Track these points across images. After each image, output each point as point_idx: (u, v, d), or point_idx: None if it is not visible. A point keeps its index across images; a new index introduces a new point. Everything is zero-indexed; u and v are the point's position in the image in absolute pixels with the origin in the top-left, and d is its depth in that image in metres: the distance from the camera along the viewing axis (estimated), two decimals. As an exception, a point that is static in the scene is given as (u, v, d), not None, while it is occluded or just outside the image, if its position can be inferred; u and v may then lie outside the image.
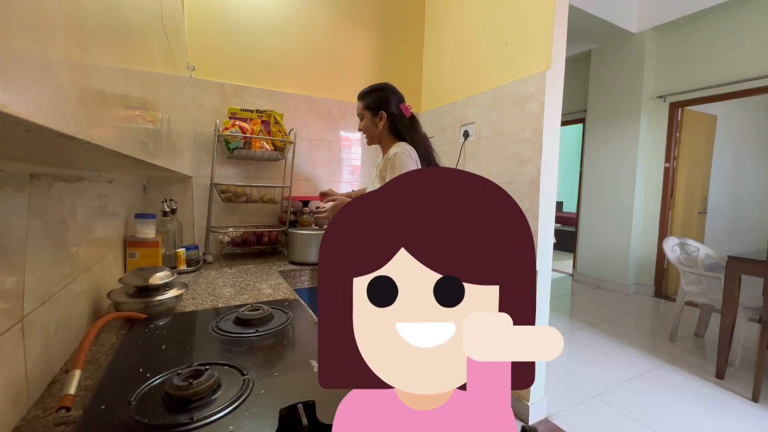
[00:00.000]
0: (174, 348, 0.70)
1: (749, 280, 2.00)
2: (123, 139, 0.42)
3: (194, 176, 1.71)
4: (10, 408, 0.48)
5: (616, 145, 3.78)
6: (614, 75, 3.77)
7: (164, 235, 1.37)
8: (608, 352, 2.43)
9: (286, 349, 0.72)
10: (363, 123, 1.42)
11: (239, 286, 1.23)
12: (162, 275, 0.93)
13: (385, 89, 1.40)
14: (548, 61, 1.52)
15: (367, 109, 1.40)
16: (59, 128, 0.23)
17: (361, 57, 2.18)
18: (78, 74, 0.27)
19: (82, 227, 0.78)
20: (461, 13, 2.05)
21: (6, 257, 0.48)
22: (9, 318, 0.48)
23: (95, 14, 0.32)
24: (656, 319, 3.12)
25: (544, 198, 1.57)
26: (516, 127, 1.67)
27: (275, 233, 1.84)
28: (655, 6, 3.37)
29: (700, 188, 3.96)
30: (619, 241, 3.80)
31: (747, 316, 2.06)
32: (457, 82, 2.07)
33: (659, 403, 1.87)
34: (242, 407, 0.51)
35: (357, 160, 2.21)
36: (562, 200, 7.11)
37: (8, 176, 0.49)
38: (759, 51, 3.06)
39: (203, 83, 1.74)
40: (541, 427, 1.65)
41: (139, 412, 0.48)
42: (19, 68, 0.19)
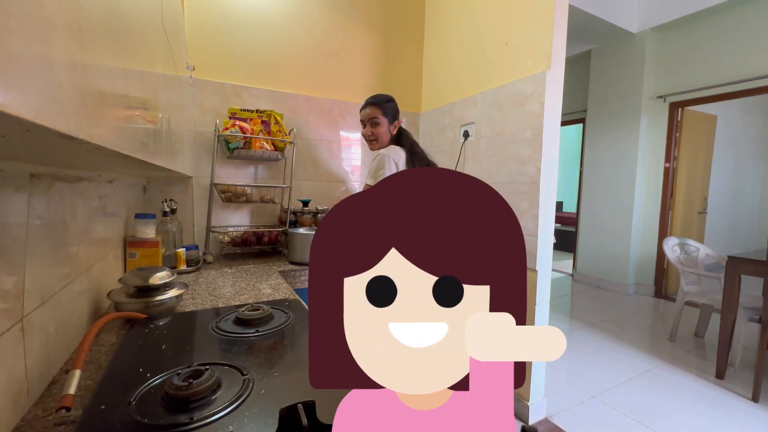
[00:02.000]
0: (174, 348, 0.70)
1: (749, 280, 2.00)
2: (123, 139, 0.42)
3: (194, 176, 1.71)
4: (10, 408, 0.48)
5: (616, 145, 3.78)
6: (614, 75, 3.77)
7: (164, 235, 1.37)
8: (608, 352, 2.43)
9: (286, 349, 0.72)
10: (379, 129, 1.49)
11: (239, 286, 1.23)
12: (162, 275, 0.93)
13: (394, 101, 1.54)
14: (548, 61, 1.52)
15: (386, 116, 1.49)
16: (59, 128, 0.23)
17: (361, 57, 2.18)
18: (78, 74, 0.27)
19: (82, 227, 0.78)
20: (461, 13, 2.05)
21: (6, 257, 0.48)
22: (9, 318, 0.48)
23: (95, 14, 0.32)
24: (656, 319, 3.12)
25: (544, 198, 1.57)
26: (516, 127, 1.67)
27: (275, 233, 1.84)
28: (655, 6, 3.37)
29: (700, 188, 3.96)
30: (619, 241, 3.80)
31: (747, 316, 2.06)
32: (457, 82, 2.07)
33: (659, 403, 1.87)
34: (242, 407, 0.51)
35: (357, 160, 2.21)
36: (562, 200, 7.11)
37: (8, 176, 0.49)
38: (759, 51, 3.06)
39: (203, 83, 1.74)
40: (541, 427, 1.65)
41: (139, 412, 0.48)
42: (19, 68, 0.18)
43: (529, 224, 1.59)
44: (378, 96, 1.52)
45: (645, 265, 3.78)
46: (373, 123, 1.50)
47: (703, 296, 2.44)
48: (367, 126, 1.51)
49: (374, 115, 1.49)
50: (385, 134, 1.51)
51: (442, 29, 2.22)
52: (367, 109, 1.50)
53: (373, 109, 1.49)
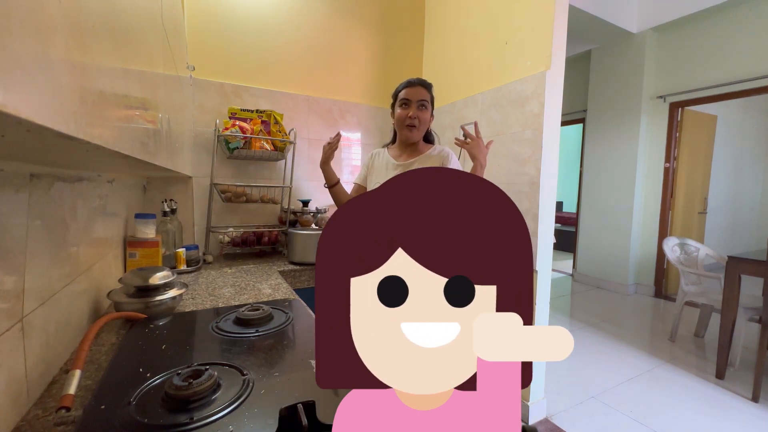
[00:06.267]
0: (174, 348, 0.70)
1: (749, 280, 2.00)
2: (123, 139, 0.42)
3: (194, 176, 1.71)
4: (10, 408, 0.48)
5: (616, 145, 3.78)
6: (614, 75, 3.77)
7: (164, 235, 1.37)
8: (608, 352, 2.43)
9: (286, 349, 0.72)
10: (425, 114, 1.31)
11: (239, 286, 1.23)
12: (162, 275, 0.93)
13: None
14: (548, 62, 1.52)
15: (432, 103, 1.33)
16: (59, 128, 0.23)
17: (361, 57, 2.18)
18: (78, 74, 0.27)
19: (82, 227, 0.78)
20: (461, 13, 2.05)
21: (6, 257, 0.48)
22: (9, 318, 0.48)
23: (95, 14, 0.32)
24: (656, 319, 3.12)
25: (544, 198, 1.57)
26: (516, 127, 1.67)
27: (275, 233, 1.84)
28: (655, 6, 3.37)
29: (700, 188, 3.96)
30: (619, 241, 3.80)
31: (747, 316, 2.06)
32: (457, 82, 2.07)
33: (659, 403, 1.87)
34: (242, 407, 0.51)
35: (357, 160, 2.21)
36: (562, 200, 7.11)
37: (8, 176, 0.49)
38: (759, 51, 3.06)
39: (203, 83, 1.74)
40: (541, 427, 1.65)
41: (139, 412, 0.48)
42: (19, 68, 0.18)
43: (529, 224, 1.59)
44: (423, 79, 1.32)
45: (645, 265, 3.78)
46: (420, 105, 1.28)
47: (703, 296, 2.44)
48: (413, 107, 1.28)
49: (424, 98, 1.28)
50: (427, 123, 1.32)
51: (442, 29, 2.22)
52: (417, 89, 1.28)
53: (423, 91, 1.28)
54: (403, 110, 1.30)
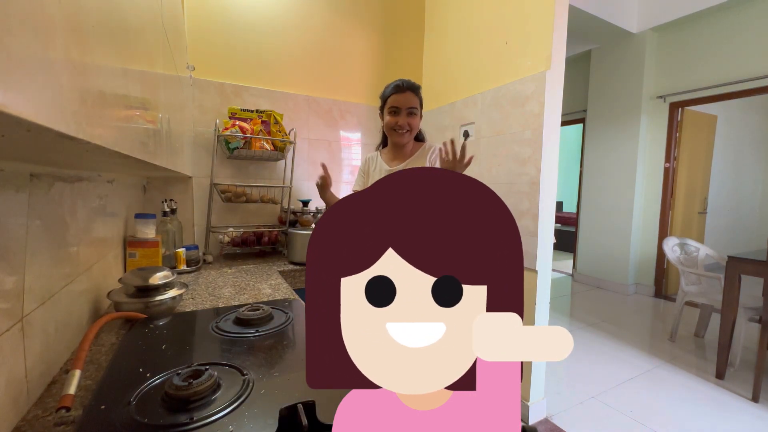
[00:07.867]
0: (174, 348, 0.70)
1: (749, 280, 2.00)
2: (123, 139, 0.42)
3: (194, 176, 1.71)
4: (10, 408, 0.48)
5: (616, 145, 3.78)
6: (614, 75, 3.77)
7: (164, 235, 1.37)
8: (608, 352, 2.43)
9: (286, 349, 0.72)
10: (416, 120, 1.33)
11: (239, 286, 1.23)
12: (162, 275, 0.93)
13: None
14: (548, 62, 1.52)
15: (421, 107, 1.34)
16: (59, 128, 0.23)
17: (361, 57, 2.18)
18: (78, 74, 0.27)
19: (82, 227, 0.78)
20: (461, 13, 2.05)
21: (6, 257, 0.48)
22: (9, 318, 0.48)
23: (95, 14, 0.32)
24: (656, 319, 3.12)
25: (544, 198, 1.57)
26: (516, 127, 1.67)
27: (275, 233, 1.84)
28: (655, 6, 3.37)
29: (700, 188, 3.96)
30: (619, 241, 3.79)
31: (747, 316, 2.06)
32: (457, 82, 2.07)
33: (659, 403, 1.87)
34: (242, 407, 0.51)
35: (357, 160, 2.21)
36: (562, 200, 7.11)
37: (8, 176, 0.49)
38: (759, 51, 3.06)
39: (203, 83, 1.74)
40: (541, 427, 1.65)
41: (139, 412, 0.48)
42: (19, 68, 0.18)
43: (529, 224, 1.59)
44: (411, 81, 1.31)
45: (645, 265, 3.78)
46: (411, 113, 1.29)
47: (703, 296, 2.44)
48: (403, 114, 1.29)
49: (414, 104, 1.29)
50: (417, 127, 1.34)
51: (442, 29, 2.22)
52: (407, 95, 1.28)
53: (412, 97, 1.29)
54: (393, 118, 1.31)
